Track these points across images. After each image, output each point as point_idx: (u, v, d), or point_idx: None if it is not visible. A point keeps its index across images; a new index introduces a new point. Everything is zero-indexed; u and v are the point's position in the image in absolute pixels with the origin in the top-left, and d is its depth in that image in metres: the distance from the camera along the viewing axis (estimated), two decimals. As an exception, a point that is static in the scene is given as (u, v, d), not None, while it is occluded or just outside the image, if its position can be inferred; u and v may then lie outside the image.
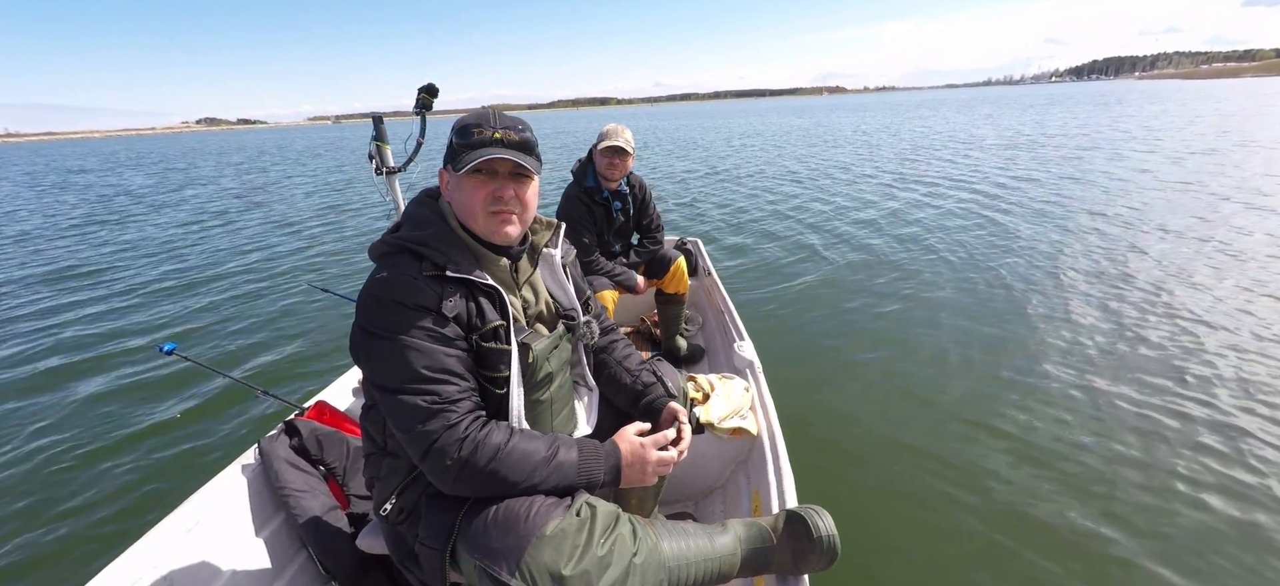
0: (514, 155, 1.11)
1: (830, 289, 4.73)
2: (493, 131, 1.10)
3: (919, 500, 2.25)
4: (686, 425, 1.33)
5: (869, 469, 2.47)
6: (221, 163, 25.28)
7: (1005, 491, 2.27)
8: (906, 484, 2.35)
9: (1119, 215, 6.55)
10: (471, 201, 1.12)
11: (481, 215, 1.13)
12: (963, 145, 15.75)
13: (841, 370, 3.37)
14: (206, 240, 8.27)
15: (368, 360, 1.07)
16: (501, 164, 1.12)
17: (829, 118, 41.39)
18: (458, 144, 1.12)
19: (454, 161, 1.12)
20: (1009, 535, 2.05)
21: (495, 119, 1.12)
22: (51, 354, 4.23)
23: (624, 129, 2.66)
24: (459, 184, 1.13)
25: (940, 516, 2.16)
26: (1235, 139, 13.31)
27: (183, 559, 1.44)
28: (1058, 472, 2.36)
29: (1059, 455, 2.47)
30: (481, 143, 1.10)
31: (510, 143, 1.11)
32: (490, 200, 1.12)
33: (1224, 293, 4.07)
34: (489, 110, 1.15)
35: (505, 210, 1.13)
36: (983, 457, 2.47)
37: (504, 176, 1.13)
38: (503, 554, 0.96)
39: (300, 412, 1.98)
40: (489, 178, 1.12)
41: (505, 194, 1.12)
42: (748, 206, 8.63)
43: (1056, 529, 2.07)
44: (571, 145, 25.95)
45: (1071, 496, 2.23)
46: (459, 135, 1.12)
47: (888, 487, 2.34)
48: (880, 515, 2.19)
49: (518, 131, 1.12)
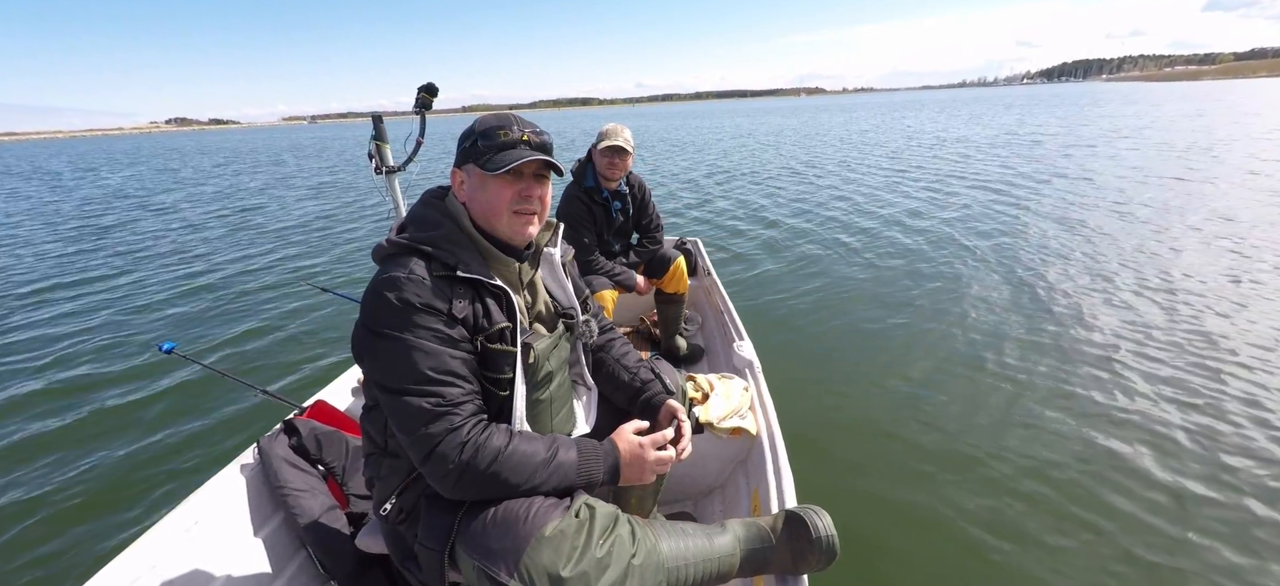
0: (543, 157, 1.14)
1: (830, 289, 4.73)
2: (521, 134, 1.13)
3: (918, 500, 2.26)
4: (686, 422, 1.33)
5: (868, 469, 2.47)
6: (207, 163, 25.07)
7: (1005, 491, 2.27)
8: (906, 484, 2.35)
9: (1131, 214, 6.56)
10: (498, 201, 1.13)
11: (506, 215, 1.14)
12: (956, 144, 15.82)
13: (841, 370, 3.37)
14: (204, 239, 8.26)
15: (372, 360, 1.07)
16: (528, 165, 1.14)
17: (817, 118, 41.46)
18: (484, 146, 1.13)
19: (480, 162, 1.12)
20: (1009, 535, 2.05)
21: (519, 122, 1.15)
22: (50, 353, 4.22)
23: (624, 128, 2.66)
24: (485, 184, 1.13)
25: (940, 516, 2.17)
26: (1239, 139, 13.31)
27: (181, 558, 1.44)
28: (1058, 472, 2.36)
29: (1060, 454, 2.47)
30: (512, 144, 1.12)
31: (536, 145, 1.14)
32: (517, 199, 1.14)
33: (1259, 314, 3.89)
34: (510, 113, 1.17)
35: (529, 209, 1.16)
36: (983, 457, 2.47)
37: (529, 177, 1.15)
38: (501, 555, 0.96)
39: (299, 412, 1.98)
40: (516, 178, 1.14)
41: (532, 193, 1.15)
42: (747, 206, 8.63)
43: (1057, 529, 2.07)
44: (557, 145, 25.95)
45: (1072, 496, 2.23)
46: (485, 138, 1.13)
47: (887, 487, 2.34)
48: (879, 515, 2.19)
49: (538, 134, 1.15)
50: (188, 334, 4.51)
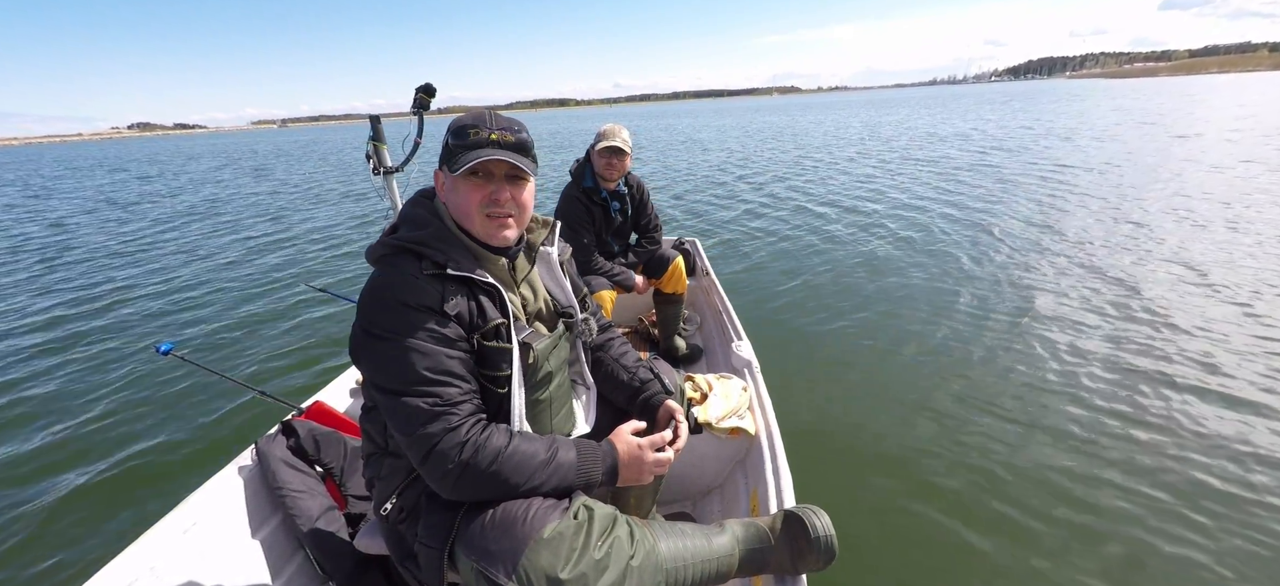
0: (510, 157, 1.11)
1: (830, 289, 4.73)
2: (489, 132, 1.10)
3: (917, 500, 2.26)
4: (683, 422, 1.33)
5: (867, 468, 2.47)
6: (195, 167, 24.92)
7: (1005, 490, 2.27)
8: (905, 483, 2.35)
9: (1129, 213, 6.57)
10: (467, 203, 1.11)
11: (478, 217, 1.12)
12: (942, 141, 15.83)
13: (840, 370, 3.37)
14: (202, 241, 8.25)
15: (369, 361, 1.07)
16: (497, 166, 1.11)
17: (803, 116, 41.46)
18: (453, 144, 1.11)
19: (449, 162, 1.11)
20: (1009, 535, 2.06)
21: (492, 120, 1.12)
22: (47, 354, 4.22)
23: (622, 129, 2.66)
24: (454, 185, 1.12)
25: (939, 516, 2.17)
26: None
27: (180, 560, 1.43)
28: (1060, 472, 2.36)
29: (1061, 454, 2.47)
30: (478, 144, 1.09)
31: (506, 144, 1.11)
32: (486, 202, 1.11)
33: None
34: (486, 111, 1.15)
35: (501, 213, 1.13)
36: (982, 457, 2.48)
37: (500, 178, 1.13)
38: (500, 556, 0.96)
39: (298, 413, 1.98)
40: (485, 179, 1.11)
41: (501, 196, 1.12)
42: (745, 206, 8.63)
43: (1058, 528, 2.08)
44: (538, 148, 25.93)
45: (1072, 495, 2.23)
46: (455, 136, 1.11)
47: (886, 487, 2.34)
48: (878, 515, 2.20)
49: (514, 132, 1.12)
50: (185, 335, 4.51)
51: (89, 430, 3.14)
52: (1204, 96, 36.14)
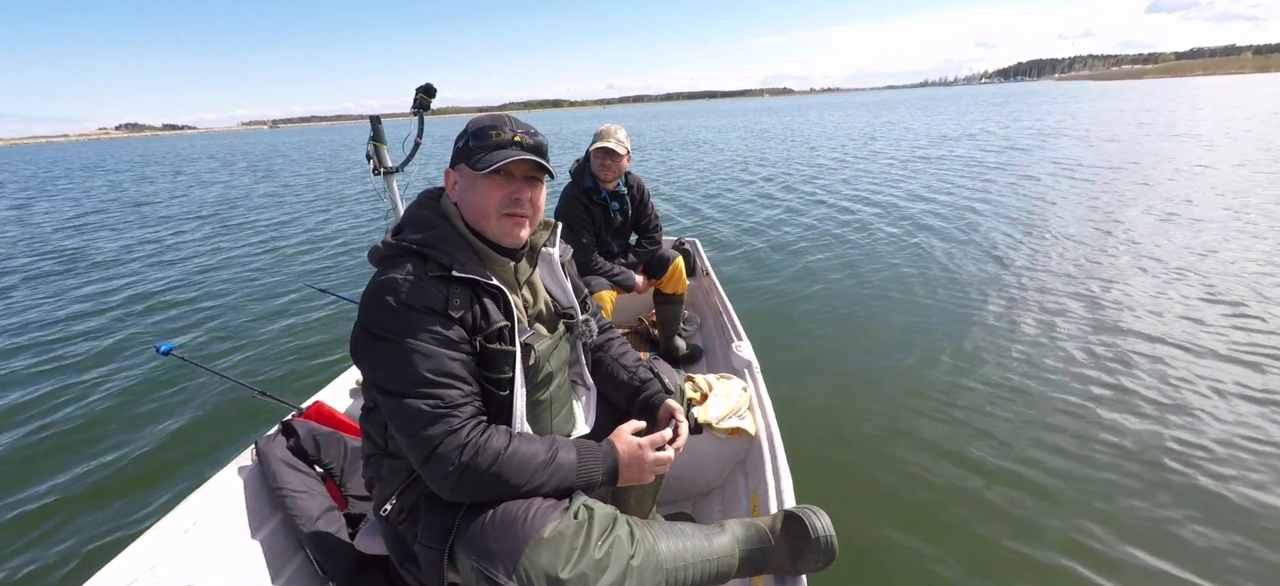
0: (533, 158, 1.13)
1: (830, 289, 4.73)
2: (512, 134, 1.12)
3: (917, 500, 2.26)
4: (683, 422, 1.33)
5: (867, 469, 2.47)
6: (193, 168, 24.91)
7: (1005, 491, 2.27)
8: (905, 483, 2.35)
9: (1155, 210, 6.58)
10: (486, 202, 1.13)
11: (495, 217, 1.13)
12: (939, 141, 15.81)
13: (840, 370, 3.37)
14: (201, 241, 8.26)
15: (370, 362, 1.07)
16: (519, 167, 1.13)
17: (799, 117, 41.43)
18: (475, 145, 1.12)
19: (471, 162, 1.12)
20: (1009, 535, 2.06)
21: (512, 123, 1.14)
22: (47, 354, 4.21)
23: (618, 129, 2.66)
24: (474, 184, 1.13)
25: (939, 516, 2.17)
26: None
27: (179, 560, 1.43)
28: (1060, 471, 2.36)
29: (1062, 454, 2.47)
30: (502, 144, 1.11)
31: (528, 146, 1.13)
32: (506, 202, 1.13)
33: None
34: (505, 113, 1.17)
35: (520, 213, 1.15)
36: (982, 457, 2.48)
37: (520, 179, 1.14)
38: (500, 556, 0.96)
39: (298, 413, 1.98)
40: (506, 180, 1.13)
41: (522, 196, 1.14)
42: (745, 206, 8.64)
43: (1058, 528, 2.07)
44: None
45: (1074, 496, 2.23)
46: (476, 137, 1.12)
47: (886, 487, 2.34)
48: (878, 515, 2.19)
49: (533, 135, 1.14)
50: (185, 335, 4.50)
51: (89, 430, 3.14)
52: (1209, 96, 35.83)
